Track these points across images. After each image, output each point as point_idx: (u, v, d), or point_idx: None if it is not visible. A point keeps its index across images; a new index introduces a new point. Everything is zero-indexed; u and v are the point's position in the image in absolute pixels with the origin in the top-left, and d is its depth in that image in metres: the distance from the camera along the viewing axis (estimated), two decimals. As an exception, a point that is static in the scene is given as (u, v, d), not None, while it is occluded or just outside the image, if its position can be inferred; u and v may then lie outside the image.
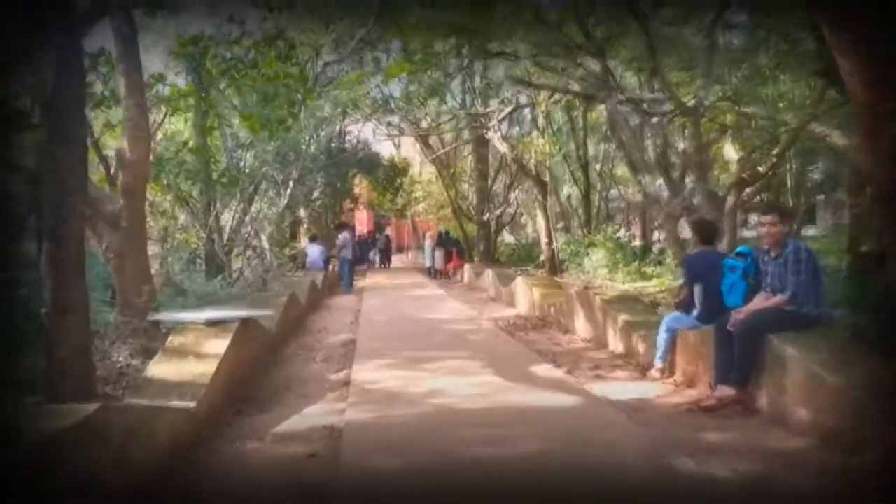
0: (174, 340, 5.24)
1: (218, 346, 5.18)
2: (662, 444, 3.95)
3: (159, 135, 12.57)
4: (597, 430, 4.22)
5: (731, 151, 11.00)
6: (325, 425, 4.48)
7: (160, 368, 4.71)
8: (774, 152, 10.23)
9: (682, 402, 4.88)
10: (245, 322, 5.95)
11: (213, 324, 5.53)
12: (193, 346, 5.13)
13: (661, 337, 5.75)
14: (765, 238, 4.67)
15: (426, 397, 5.23)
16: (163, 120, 11.91)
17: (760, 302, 4.65)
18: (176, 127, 14.95)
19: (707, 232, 6.11)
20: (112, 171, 9.78)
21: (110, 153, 10.08)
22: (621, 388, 5.45)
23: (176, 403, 4.10)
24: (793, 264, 4.46)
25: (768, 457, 3.69)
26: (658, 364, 5.75)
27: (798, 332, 4.33)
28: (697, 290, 5.64)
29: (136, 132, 6.85)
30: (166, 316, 6.29)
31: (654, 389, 5.38)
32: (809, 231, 21.30)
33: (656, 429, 4.26)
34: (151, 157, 9.73)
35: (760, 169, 9.91)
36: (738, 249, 5.28)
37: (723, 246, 8.86)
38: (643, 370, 6.03)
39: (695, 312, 5.61)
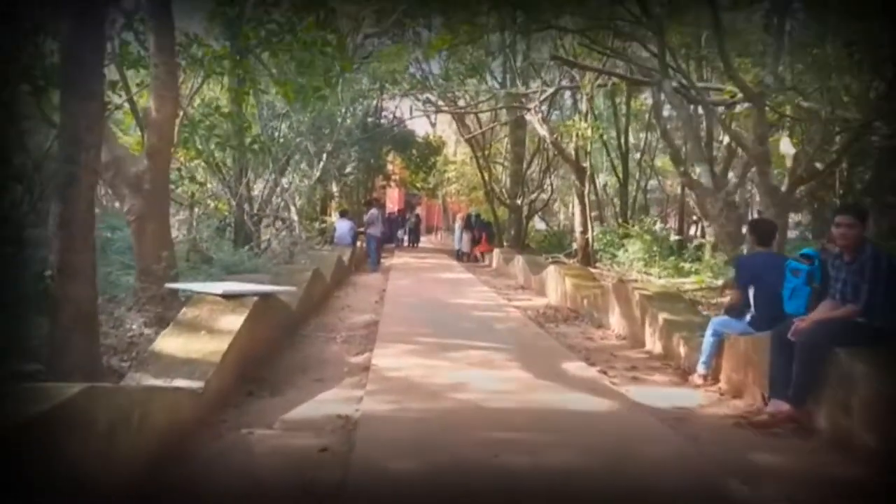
0: (187, 313, 4.95)
1: (233, 321, 4.88)
2: (710, 463, 3.55)
3: (197, 100, 12.30)
4: (638, 442, 3.82)
5: (787, 145, 10.35)
6: (339, 414, 4.17)
7: (169, 343, 4.42)
8: (834, 149, 9.57)
9: (730, 415, 4.46)
10: (265, 297, 5.65)
11: (230, 297, 5.24)
12: (207, 321, 4.84)
13: (707, 341, 5.30)
14: (839, 240, 4.14)
15: (449, 390, 4.88)
16: (200, 85, 11.62)
17: (827, 310, 4.18)
18: (214, 93, 14.71)
19: (764, 232, 5.59)
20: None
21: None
22: (661, 393, 5.04)
23: (179, 383, 3.80)
24: (871, 272, 3.94)
25: (828, 486, 3.31)
26: (701, 370, 5.32)
27: (869, 347, 3.87)
28: (751, 293, 5.17)
29: (163, 92, 6.55)
30: (183, 285, 6.02)
31: (696, 397, 4.96)
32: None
33: (703, 444, 3.85)
34: (184, 121, 9.48)
35: (818, 166, 9.26)
36: (803, 251, 4.78)
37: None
38: (684, 374, 5.60)
39: (748, 317, 5.15)
